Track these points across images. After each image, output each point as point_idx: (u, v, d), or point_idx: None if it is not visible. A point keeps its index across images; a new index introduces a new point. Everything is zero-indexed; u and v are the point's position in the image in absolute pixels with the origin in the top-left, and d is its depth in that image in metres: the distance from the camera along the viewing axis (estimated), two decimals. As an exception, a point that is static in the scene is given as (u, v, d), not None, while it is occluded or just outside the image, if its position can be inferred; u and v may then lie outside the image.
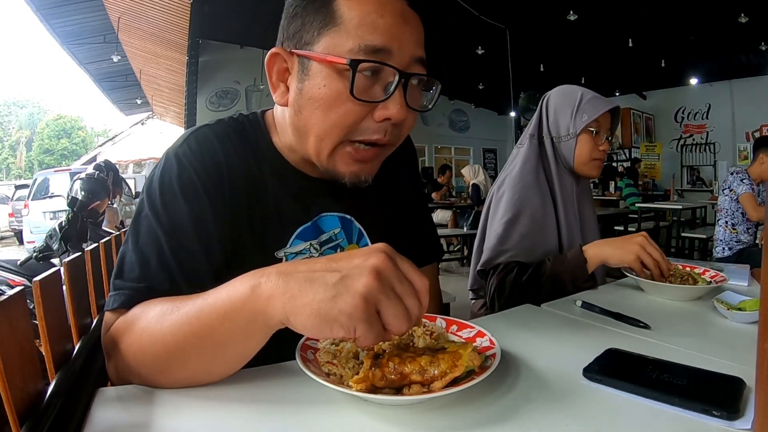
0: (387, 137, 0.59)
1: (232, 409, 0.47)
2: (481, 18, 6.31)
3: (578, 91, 1.21)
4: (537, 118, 1.25)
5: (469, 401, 0.47)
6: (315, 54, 0.56)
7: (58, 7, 6.41)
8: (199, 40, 6.49)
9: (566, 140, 1.18)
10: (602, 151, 1.17)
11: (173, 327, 0.49)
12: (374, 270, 0.42)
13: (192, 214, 0.58)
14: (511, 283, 1.05)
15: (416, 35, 0.58)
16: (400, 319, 0.42)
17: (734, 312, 0.75)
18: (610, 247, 1.00)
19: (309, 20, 0.57)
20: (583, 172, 1.19)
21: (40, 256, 2.70)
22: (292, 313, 0.43)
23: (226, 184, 0.61)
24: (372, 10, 0.54)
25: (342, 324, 0.41)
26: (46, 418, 0.49)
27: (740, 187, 2.83)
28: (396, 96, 0.56)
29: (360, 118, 0.57)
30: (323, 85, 0.56)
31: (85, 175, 3.07)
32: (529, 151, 1.22)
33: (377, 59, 0.54)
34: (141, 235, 0.58)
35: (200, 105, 7.16)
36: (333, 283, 0.42)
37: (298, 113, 0.59)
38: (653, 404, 0.47)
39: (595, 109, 1.15)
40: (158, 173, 0.61)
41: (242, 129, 0.67)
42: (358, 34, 0.54)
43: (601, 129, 1.17)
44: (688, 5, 5.84)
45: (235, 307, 0.46)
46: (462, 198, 6.56)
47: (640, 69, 8.49)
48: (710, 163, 9.37)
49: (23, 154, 29.84)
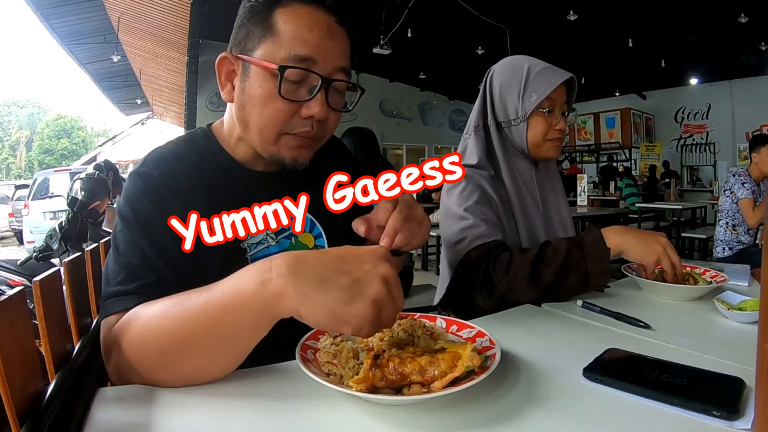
0: (314, 131, 0.68)
1: (232, 408, 0.47)
2: (481, 18, 6.31)
3: (524, 63, 1.05)
4: (481, 102, 1.11)
5: (469, 401, 0.47)
6: (254, 59, 0.65)
7: (58, 7, 6.41)
8: (199, 40, 6.48)
9: (515, 124, 1.05)
10: (558, 130, 1.04)
11: (179, 320, 0.51)
12: (384, 278, 0.47)
13: (162, 216, 0.62)
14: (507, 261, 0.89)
15: (341, 47, 0.67)
16: (393, 319, 0.49)
17: (734, 312, 0.75)
18: (634, 239, 0.89)
19: (252, 30, 0.66)
20: (539, 154, 1.06)
21: (40, 256, 2.69)
22: (305, 311, 0.47)
23: (186, 188, 0.68)
24: (303, 26, 0.64)
25: (352, 324, 0.47)
26: (46, 418, 0.48)
27: (740, 191, 2.83)
28: (318, 97, 0.65)
29: (289, 115, 0.66)
30: (259, 86, 0.65)
31: (85, 175, 3.07)
32: (476, 144, 1.09)
33: (303, 66, 0.63)
34: (119, 246, 0.63)
35: (200, 105, 7.16)
36: (346, 286, 0.47)
37: (241, 108, 0.68)
38: (653, 404, 0.47)
39: (545, 85, 1.00)
40: (125, 194, 0.68)
41: (193, 141, 0.75)
42: (290, 45, 0.63)
43: (555, 107, 1.03)
44: (688, 5, 5.84)
45: (244, 300, 0.48)
46: (462, 198, 6.55)
47: (640, 69, 8.50)
48: (710, 163, 9.37)
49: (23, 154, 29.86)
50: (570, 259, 0.86)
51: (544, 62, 1.04)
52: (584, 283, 0.86)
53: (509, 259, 0.89)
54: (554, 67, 1.04)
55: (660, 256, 0.88)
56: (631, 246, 0.89)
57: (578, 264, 0.86)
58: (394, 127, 10.96)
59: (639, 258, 0.90)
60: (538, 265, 0.87)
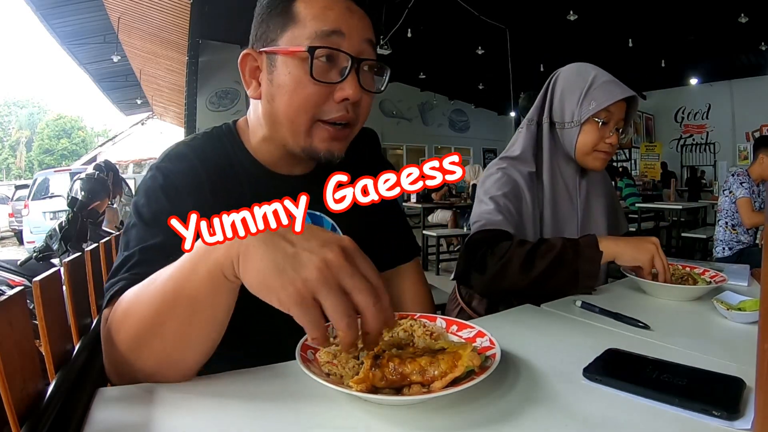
0: (349, 114, 0.66)
1: (232, 409, 0.47)
2: (481, 18, 6.31)
3: (591, 71, 1.06)
4: (541, 99, 1.12)
5: (469, 401, 0.47)
6: (279, 48, 0.64)
7: (58, 7, 6.42)
8: (199, 40, 6.49)
9: (569, 127, 1.06)
10: (609, 144, 1.04)
11: (149, 297, 0.51)
12: (323, 261, 0.43)
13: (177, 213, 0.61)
14: (507, 249, 0.93)
15: (365, 22, 0.66)
16: (338, 313, 0.43)
17: (734, 312, 0.75)
18: (626, 243, 0.93)
19: (272, 23, 0.65)
20: (584, 163, 1.08)
21: (40, 256, 2.69)
22: (243, 264, 0.45)
23: (206, 189, 0.67)
24: (323, 5, 0.64)
25: (279, 298, 0.43)
26: (46, 418, 0.48)
27: (739, 190, 2.83)
28: (350, 78, 0.64)
29: (322, 99, 0.64)
30: (288, 72, 0.64)
31: (85, 175, 3.07)
32: (526, 138, 1.11)
33: (331, 44, 0.62)
34: (130, 241, 0.63)
35: (200, 105, 7.16)
36: (283, 254, 0.44)
37: (270, 102, 0.66)
38: (653, 404, 0.47)
39: (606, 97, 1.01)
40: (143, 187, 0.67)
41: (218, 139, 0.74)
42: (314, 24, 0.63)
43: (611, 120, 1.04)
44: (688, 5, 5.84)
45: (198, 259, 0.48)
46: (462, 198, 6.55)
47: (640, 69, 8.50)
48: (710, 163, 9.37)
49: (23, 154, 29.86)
50: (564, 255, 0.90)
51: (611, 75, 1.05)
52: (572, 281, 0.90)
53: (507, 247, 0.93)
54: (620, 82, 1.04)
55: (653, 254, 0.90)
56: (623, 250, 0.92)
57: (570, 261, 0.90)
58: (394, 127, 10.96)
59: (632, 259, 0.92)
60: (532, 256, 0.91)
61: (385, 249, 0.60)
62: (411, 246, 0.91)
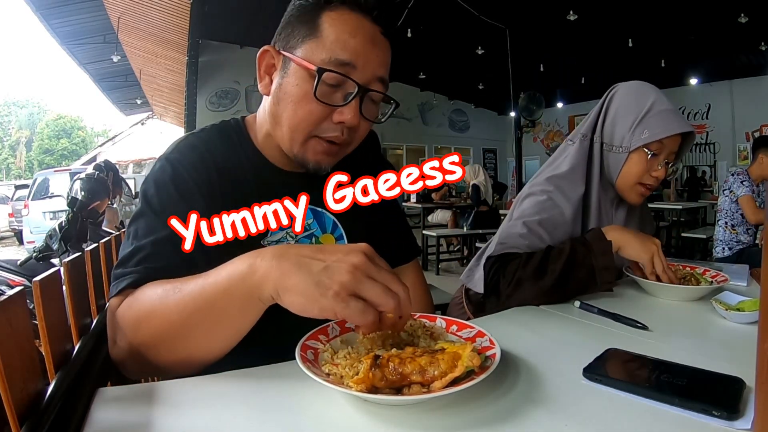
0: (344, 137, 0.68)
1: (232, 408, 0.47)
2: (481, 18, 6.32)
3: (651, 96, 0.99)
4: (595, 114, 1.06)
5: (469, 401, 0.47)
6: (295, 57, 0.65)
7: (58, 7, 6.42)
8: (199, 40, 6.49)
9: (616, 152, 1.00)
10: (654, 177, 0.98)
11: (178, 305, 0.54)
12: (352, 266, 0.48)
13: (185, 205, 0.64)
14: (517, 267, 0.89)
15: (382, 57, 0.67)
16: (382, 296, 0.48)
17: (732, 312, 0.75)
18: (632, 236, 0.90)
19: (297, 28, 0.66)
20: (623, 192, 1.02)
21: (40, 256, 2.70)
22: (282, 290, 0.49)
23: (215, 181, 0.69)
24: (347, 30, 0.64)
25: (321, 306, 0.48)
26: (46, 418, 0.48)
27: (740, 189, 2.83)
28: (352, 104, 0.65)
29: (321, 118, 0.66)
30: (296, 84, 0.66)
31: (85, 175, 3.08)
32: (577, 154, 1.03)
33: (342, 71, 0.63)
34: (139, 230, 0.64)
35: (200, 105, 7.17)
36: (317, 271, 0.48)
37: (276, 103, 0.69)
38: (653, 404, 0.47)
39: (661, 128, 0.95)
40: (152, 177, 0.68)
41: (226, 132, 0.75)
42: (332, 48, 0.63)
43: (662, 152, 0.97)
44: (688, 5, 5.84)
45: (234, 283, 0.52)
46: (462, 198, 6.56)
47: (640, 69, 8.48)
48: (710, 163, 9.37)
49: (23, 154, 29.86)
50: (575, 255, 0.87)
51: (670, 103, 0.98)
52: (591, 278, 0.86)
53: (515, 268, 0.89)
54: (678, 113, 0.98)
55: (655, 254, 0.90)
56: (629, 242, 0.91)
57: (583, 258, 0.87)
58: (394, 127, 10.96)
59: (636, 255, 0.91)
60: (544, 264, 0.87)
61: (385, 249, 0.60)
62: (411, 246, 0.91)
